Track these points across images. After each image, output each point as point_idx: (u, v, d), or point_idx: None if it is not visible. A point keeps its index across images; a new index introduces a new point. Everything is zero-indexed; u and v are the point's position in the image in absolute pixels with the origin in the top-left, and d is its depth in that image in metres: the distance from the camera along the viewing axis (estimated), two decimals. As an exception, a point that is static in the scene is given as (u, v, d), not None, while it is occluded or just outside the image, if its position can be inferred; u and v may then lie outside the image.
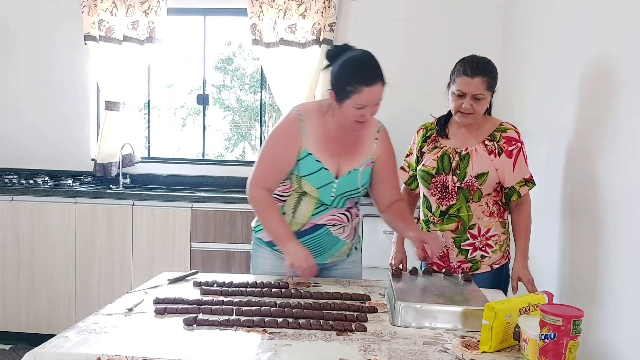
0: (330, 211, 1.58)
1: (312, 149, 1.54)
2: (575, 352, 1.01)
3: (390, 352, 1.06)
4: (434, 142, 1.75)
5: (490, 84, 1.62)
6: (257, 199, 1.56)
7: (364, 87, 1.42)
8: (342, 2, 3.16)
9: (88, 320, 1.19)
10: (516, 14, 2.79)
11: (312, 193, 1.55)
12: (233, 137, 4.06)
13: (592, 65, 1.64)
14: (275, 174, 1.55)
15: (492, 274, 1.70)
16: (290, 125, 1.55)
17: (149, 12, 3.21)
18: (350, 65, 1.46)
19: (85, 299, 2.91)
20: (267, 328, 1.18)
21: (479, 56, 1.67)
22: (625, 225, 1.36)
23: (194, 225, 2.86)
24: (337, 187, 1.55)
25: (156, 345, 1.06)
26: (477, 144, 1.68)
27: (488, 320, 1.08)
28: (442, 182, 1.69)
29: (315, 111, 1.57)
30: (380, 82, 1.44)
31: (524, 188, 1.68)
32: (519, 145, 1.67)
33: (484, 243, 1.69)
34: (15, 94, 3.41)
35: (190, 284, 1.51)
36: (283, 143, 1.54)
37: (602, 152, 1.52)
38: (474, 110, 1.63)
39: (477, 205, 1.68)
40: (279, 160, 1.54)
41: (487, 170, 1.65)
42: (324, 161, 1.54)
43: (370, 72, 1.44)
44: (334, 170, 1.55)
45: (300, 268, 1.45)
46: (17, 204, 2.92)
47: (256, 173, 1.57)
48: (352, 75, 1.44)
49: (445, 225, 1.69)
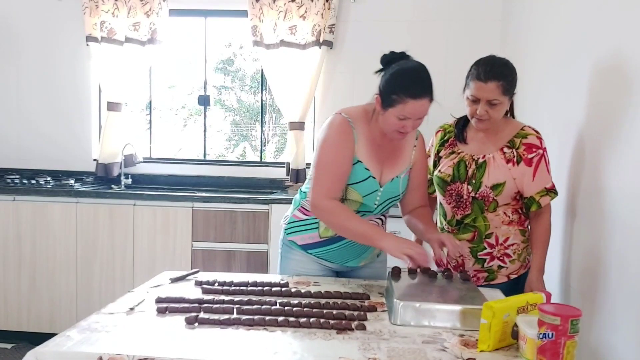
0: (369, 216, 1.57)
1: (361, 156, 1.51)
2: (573, 351, 1.01)
3: (390, 350, 1.07)
4: (452, 146, 1.68)
5: (506, 88, 1.54)
6: (333, 209, 1.48)
7: (409, 99, 1.40)
8: (341, 4, 3.17)
9: (89, 319, 1.19)
10: (515, 15, 2.80)
11: (356, 201, 1.53)
12: (234, 138, 4.07)
13: (592, 65, 1.64)
14: (342, 181, 1.49)
15: (508, 284, 1.63)
16: (344, 131, 1.50)
17: (151, 13, 3.22)
18: (402, 74, 1.44)
19: (87, 298, 2.92)
20: (268, 327, 1.18)
21: (496, 57, 1.58)
22: (627, 225, 1.36)
23: (195, 225, 2.87)
24: (382, 195, 1.55)
25: (158, 344, 1.07)
26: (495, 150, 1.61)
27: (487, 319, 1.08)
28: (457, 191, 1.63)
29: (362, 117, 1.53)
30: (427, 98, 1.42)
31: (545, 198, 1.59)
32: (540, 152, 1.58)
33: (502, 252, 1.63)
34: (17, 94, 3.42)
35: (191, 283, 1.51)
36: (342, 149, 1.49)
37: (600, 153, 1.52)
38: (490, 116, 1.55)
39: (494, 215, 1.61)
40: (342, 168, 1.49)
41: (503, 180, 1.58)
42: (371, 169, 1.52)
43: (419, 85, 1.42)
44: (378, 177, 1.53)
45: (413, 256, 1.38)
46: (19, 203, 2.93)
47: (321, 185, 1.49)
48: (401, 86, 1.42)
49: (462, 234, 1.64)
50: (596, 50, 1.63)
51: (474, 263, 1.66)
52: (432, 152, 1.74)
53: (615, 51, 1.50)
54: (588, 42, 1.68)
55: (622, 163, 1.40)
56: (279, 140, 4.10)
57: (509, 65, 1.58)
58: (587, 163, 1.63)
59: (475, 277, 1.67)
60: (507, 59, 1.59)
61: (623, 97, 1.42)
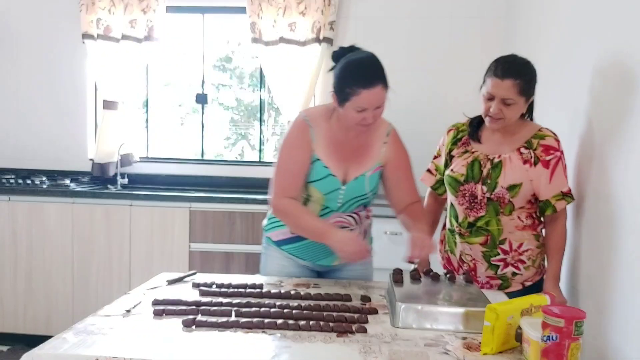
0: (336, 214, 1.56)
1: (320, 155, 1.52)
2: (577, 353, 1.00)
3: (391, 353, 1.06)
4: (465, 145, 1.62)
5: (523, 88, 1.47)
6: (286, 207, 1.52)
7: (362, 89, 1.39)
8: (342, 1, 3.15)
9: (86, 321, 1.18)
10: (519, 12, 2.78)
11: (318, 199, 1.53)
12: (232, 137, 4.05)
13: (598, 63, 1.62)
14: (297, 181, 1.51)
15: (523, 292, 1.57)
16: (300, 130, 1.53)
17: (148, 10, 3.20)
18: (349, 67, 1.44)
19: (83, 300, 2.90)
20: (267, 330, 1.17)
21: (517, 56, 1.53)
22: (633, 227, 1.34)
23: (192, 226, 2.84)
24: (345, 194, 1.53)
25: (154, 347, 1.06)
26: (511, 151, 1.55)
27: (490, 321, 1.07)
28: (470, 191, 1.57)
29: (322, 115, 1.54)
30: (380, 85, 1.41)
31: (561, 202, 1.54)
32: (558, 154, 1.53)
33: (517, 259, 1.58)
34: (12, 93, 3.40)
35: (188, 285, 1.50)
36: (297, 149, 1.51)
37: (613, 152, 1.49)
38: (504, 116, 1.49)
39: (509, 219, 1.56)
40: (297, 167, 1.51)
41: (520, 181, 1.52)
42: (331, 167, 1.52)
43: (369, 74, 1.41)
44: (341, 176, 1.52)
45: (349, 253, 1.41)
46: (15, 204, 2.90)
47: (277, 185, 1.53)
48: (351, 77, 1.42)
49: (474, 238, 1.59)
50: (601, 48, 1.61)
51: (487, 268, 1.61)
52: (443, 151, 1.69)
53: (621, 49, 1.48)
54: (597, 37, 1.66)
55: (629, 165, 1.39)
56: (278, 139, 4.08)
57: (529, 66, 1.52)
58: (594, 164, 1.60)
59: (488, 284, 1.62)
60: (528, 60, 1.53)
61: (628, 97, 1.41)
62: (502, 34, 3.03)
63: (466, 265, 1.64)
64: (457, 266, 1.67)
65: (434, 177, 1.73)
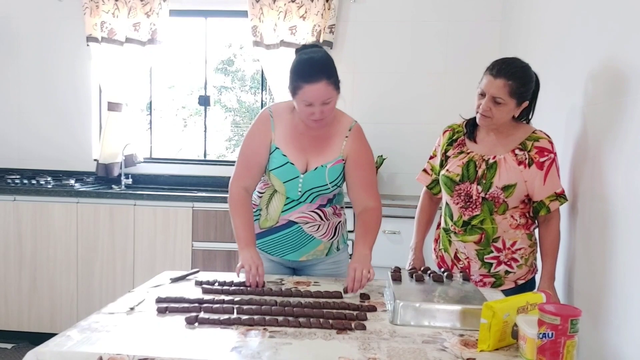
0: (300, 208, 1.58)
1: (279, 144, 1.57)
2: (573, 350, 1.01)
3: (390, 350, 1.07)
4: (461, 146, 1.65)
5: (514, 90, 1.49)
6: (233, 197, 1.60)
7: (305, 84, 1.44)
8: (341, 4, 3.17)
9: (90, 319, 1.19)
10: (515, 15, 2.80)
11: (279, 188, 1.57)
12: (234, 138, 4.07)
13: (593, 66, 1.64)
14: (251, 169, 1.59)
15: (515, 290, 1.60)
16: (260, 121, 1.60)
17: (151, 13, 3.23)
18: (298, 63, 1.49)
19: (87, 298, 2.92)
20: (268, 327, 1.18)
21: (517, 59, 1.54)
22: (631, 226, 1.36)
23: (195, 225, 2.87)
24: (304, 182, 1.56)
25: (158, 344, 1.07)
26: (506, 152, 1.57)
27: (486, 319, 1.08)
28: (465, 191, 1.60)
29: (286, 108, 1.60)
30: (323, 81, 1.43)
31: (555, 203, 1.58)
32: (551, 156, 1.56)
33: (510, 257, 1.61)
34: (17, 94, 3.43)
35: (191, 283, 1.52)
36: (255, 138, 1.58)
37: (607, 153, 1.51)
38: (492, 115, 1.52)
39: (502, 218, 1.59)
40: (253, 156, 1.58)
41: (515, 182, 1.55)
42: (290, 156, 1.56)
43: (313, 70, 1.44)
44: (301, 165, 1.56)
45: (248, 274, 1.46)
46: (20, 204, 2.93)
47: (235, 171, 1.61)
48: (296, 72, 1.48)
49: (468, 236, 1.62)
50: (594, 52, 1.62)
51: (480, 267, 1.64)
52: (439, 152, 1.71)
53: (614, 52, 1.49)
54: (591, 40, 1.68)
55: (624, 164, 1.40)
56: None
57: (526, 70, 1.53)
58: (589, 163, 1.62)
59: (482, 281, 1.65)
60: (529, 65, 1.54)
61: (621, 97, 1.42)
62: (497, 38, 3.05)
63: (461, 263, 1.66)
64: (451, 265, 1.69)
65: (429, 177, 1.75)
